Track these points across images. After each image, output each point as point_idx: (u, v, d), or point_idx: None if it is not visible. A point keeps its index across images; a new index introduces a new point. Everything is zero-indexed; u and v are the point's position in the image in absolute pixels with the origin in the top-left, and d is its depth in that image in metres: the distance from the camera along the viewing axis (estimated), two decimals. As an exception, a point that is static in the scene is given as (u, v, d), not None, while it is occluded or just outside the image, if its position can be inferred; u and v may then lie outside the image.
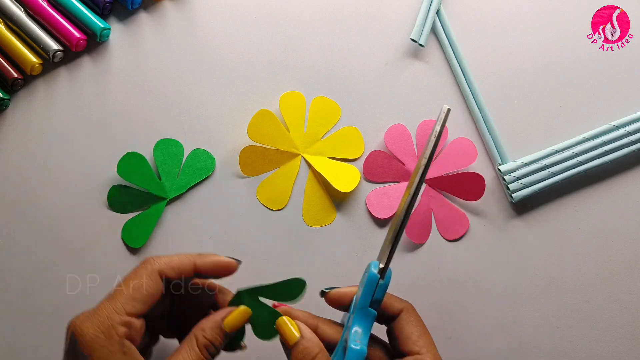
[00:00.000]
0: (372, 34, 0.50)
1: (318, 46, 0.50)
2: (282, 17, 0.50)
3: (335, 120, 0.49)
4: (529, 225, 0.49)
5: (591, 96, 0.50)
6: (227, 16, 0.50)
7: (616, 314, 0.48)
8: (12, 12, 0.48)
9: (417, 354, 0.35)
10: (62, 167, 0.48)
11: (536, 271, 0.48)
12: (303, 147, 0.49)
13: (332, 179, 0.47)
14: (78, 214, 0.48)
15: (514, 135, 0.49)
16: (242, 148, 0.48)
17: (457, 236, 0.49)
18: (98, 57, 0.49)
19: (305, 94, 0.49)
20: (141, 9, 0.50)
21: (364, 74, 0.50)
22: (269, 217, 0.48)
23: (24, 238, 0.48)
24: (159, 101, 0.49)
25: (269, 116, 0.48)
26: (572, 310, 0.48)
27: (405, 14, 0.50)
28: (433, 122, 0.49)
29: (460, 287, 0.48)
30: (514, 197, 0.48)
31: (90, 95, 0.49)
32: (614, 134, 0.48)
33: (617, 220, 0.49)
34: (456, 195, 0.49)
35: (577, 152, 0.48)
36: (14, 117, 0.49)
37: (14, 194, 0.48)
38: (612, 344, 0.48)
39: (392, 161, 0.49)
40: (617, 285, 0.49)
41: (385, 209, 0.48)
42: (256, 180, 0.49)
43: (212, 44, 0.50)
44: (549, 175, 0.48)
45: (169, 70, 0.49)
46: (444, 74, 0.50)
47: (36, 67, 0.48)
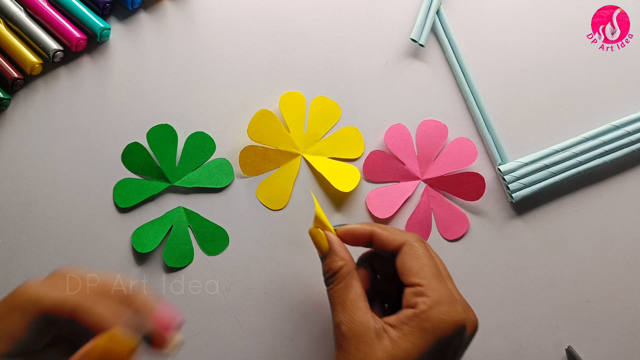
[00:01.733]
0: (372, 34, 0.50)
1: (318, 46, 0.50)
2: (282, 17, 0.50)
3: (335, 120, 0.49)
4: (528, 225, 0.49)
5: (591, 96, 0.50)
6: (227, 16, 0.50)
7: (616, 314, 0.48)
8: (12, 12, 0.48)
9: (418, 285, 0.34)
10: (62, 167, 0.48)
11: (536, 271, 0.48)
12: (303, 147, 0.49)
13: (332, 179, 0.47)
14: (78, 214, 0.48)
15: (514, 135, 0.50)
16: (242, 148, 0.48)
17: (457, 236, 0.49)
18: (98, 57, 0.49)
19: (305, 94, 0.49)
20: (141, 9, 0.50)
21: (364, 74, 0.50)
22: (269, 217, 0.48)
23: (24, 238, 0.48)
24: (159, 101, 0.49)
25: (269, 116, 0.48)
26: (572, 310, 0.48)
27: (405, 14, 0.50)
28: (433, 122, 0.49)
29: (460, 287, 0.48)
30: (514, 197, 0.48)
31: (90, 95, 0.49)
32: (614, 134, 0.48)
33: (617, 220, 0.49)
34: (456, 195, 0.49)
35: (577, 152, 0.48)
36: (14, 117, 0.49)
37: (14, 193, 0.48)
38: (612, 344, 0.48)
39: (392, 161, 0.49)
40: (617, 285, 0.49)
41: (385, 209, 0.48)
42: (256, 180, 0.49)
43: (212, 44, 0.50)
44: (549, 175, 0.48)
45: (169, 70, 0.49)
46: (444, 74, 0.50)
47: (36, 67, 0.48)
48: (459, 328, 0.33)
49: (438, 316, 0.33)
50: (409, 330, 0.33)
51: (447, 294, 0.34)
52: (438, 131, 0.49)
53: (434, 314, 0.33)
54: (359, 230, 0.37)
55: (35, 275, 0.47)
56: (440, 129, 0.49)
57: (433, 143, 0.49)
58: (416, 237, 0.37)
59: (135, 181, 0.48)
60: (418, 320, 0.33)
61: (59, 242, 0.48)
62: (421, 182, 0.49)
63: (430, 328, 0.32)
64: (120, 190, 0.48)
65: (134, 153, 0.48)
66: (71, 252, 0.48)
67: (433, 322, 0.32)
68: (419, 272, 0.34)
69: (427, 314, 0.33)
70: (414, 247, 0.36)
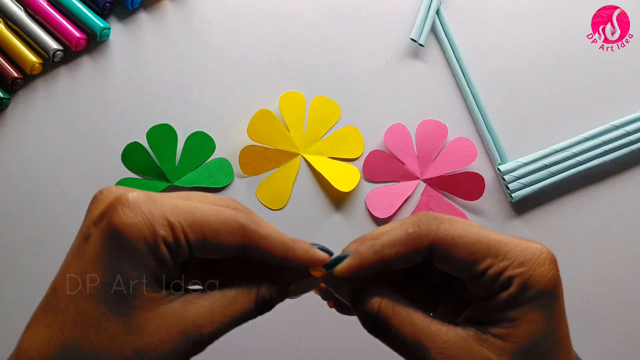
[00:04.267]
0: (372, 34, 0.50)
1: (318, 46, 0.50)
2: (282, 17, 0.50)
3: (335, 120, 0.49)
4: (528, 225, 0.49)
5: (591, 96, 0.50)
6: (227, 16, 0.50)
7: (616, 314, 0.48)
8: (12, 12, 0.48)
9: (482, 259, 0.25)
10: (62, 167, 0.48)
11: (536, 271, 0.48)
12: (303, 147, 0.49)
13: (332, 179, 0.47)
14: (78, 214, 0.48)
15: (514, 135, 0.49)
16: (242, 148, 0.48)
17: (457, 236, 0.49)
18: (98, 57, 0.49)
19: (305, 93, 0.49)
20: (141, 9, 0.50)
21: (364, 74, 0.50)
22: (269, 216, 0.48)
23: (23, 237, 0.48)
24: (159, 101, 0.49)
25: (269, 116, 0.48)
26: (572, 310, 0.48)
27: (405, 14, 0.50)
28: (433, 122, 0.49)
29: (460, 287, 0.48)
30: (514, 196, 0.47)
31: (90, 95, 0.49)
32: (614, 134, 0.48)
33: (617, 220, 0.49)
34: (456, 195, 0.49)
35: (576, 152, 0.48)
36: (14, 117, 0.49)
37: (14, 193, 0.48)
38: (612, 344, 0.48)
39: (391, 161, 0.49)
40: (617, 285, 0.48)
41: (385, 208, 0.48)
42: (256, 180, 0.49)
43: (212, 43, 0.50)
44: (548, 175, 0.48)
45: (169, 70, 0.49)
46: (444, 74, 0.50)
47: (36, 67, 0.48)
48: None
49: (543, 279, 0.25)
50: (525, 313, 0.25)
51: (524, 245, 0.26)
52: (438, 131, 0.49)
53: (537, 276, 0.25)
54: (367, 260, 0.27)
55: (35, 275, 0.47)
56: (440, 128, 0.49)
57: (433, 143, 0.49)
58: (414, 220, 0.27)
59: (135, 181, 0.48)
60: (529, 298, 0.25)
61: (59, 242, 0.48)
62: (421, 181, 0.49)
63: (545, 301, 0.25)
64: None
65: (133, 153, 0.48)
66: (71, 251, 0.48)
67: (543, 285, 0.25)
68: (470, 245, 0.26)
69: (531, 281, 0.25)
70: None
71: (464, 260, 0.26)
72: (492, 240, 0.26)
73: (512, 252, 0.26)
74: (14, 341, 0.26)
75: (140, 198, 0.25)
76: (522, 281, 0.25)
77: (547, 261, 0.26)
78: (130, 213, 0.24)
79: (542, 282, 0.25)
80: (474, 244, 0.26)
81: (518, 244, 0.26)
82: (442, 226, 0.26)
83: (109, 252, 0.24)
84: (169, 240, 0.24)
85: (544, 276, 0.26)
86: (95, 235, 0.25)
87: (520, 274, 0.25)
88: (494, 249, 0.26)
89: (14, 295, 0.47)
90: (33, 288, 0.47)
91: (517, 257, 0.26)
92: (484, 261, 0.25)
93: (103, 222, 0.25)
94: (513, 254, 0.26)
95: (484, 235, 0.26)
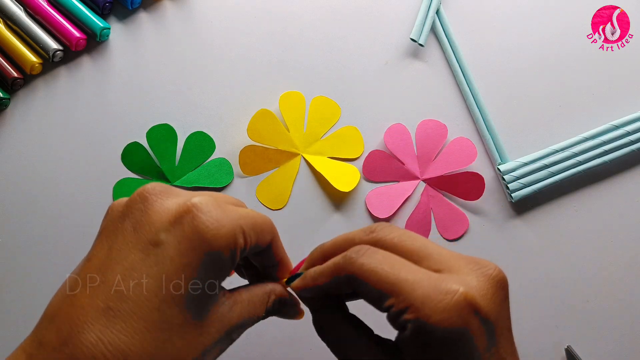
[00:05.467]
0: (372, 34, 0.50)
1: (318, 46, 0.50)
2: (282, 17, 0.50)
3: (335, 120, 0.49)
4: (528, 225, 0.49)
5: (591, 96, 0.50)
6: (227, 16, 0.50)
7: (616, 314, 0.48)
8: (12, 11, 0.48)
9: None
10: (62, 166, 0.48)
11: (536, 271, 0.48)
12: (303, 147, 0.49)
13: (332, 179, 0.47)
14: (78, 213, 0.48)
15: (514, 135, 0.50)
16: (241, 148, 0.48)
17: (457, 236, 0.49)
18: (98, 57, 0.50)
19: (305, 93, 0.49)
20: (141, 9, 0.50)
21: (364, 74, 0.50)
22: (269, 216, 0.48)
23: (23, 237, 0.48)
24: (159, 101, 0.49)
25: (269, 116, 0.48)
26: (572, 310, 0.48)
27: (405, 14, 0.50)
28: (433, 122, 0.49)
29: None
30: (514, 196, 0.48)
31: (90, 95, 0.49)
32: (614, 134, 0.48)
33: (617, 220, 0.49)
34: (456, 195, 0.49)
35: (576, 152, 0.48)
36: (14, 117, 0.49)
37: (14, 193, 0.48)
38: (612, 344, 0.48)
39: (391, 161, 0.49)
40: (617, 285, 0.48)
41: (385, 208, 0.48)
42: (256, 180, 0.49)
43: (212, 44, 0.50)
44: (548, 175, 0.48)
45: (169, 70, 0.49)
46: (444, 74, 0.50)
47: (36, 67, 0.48)
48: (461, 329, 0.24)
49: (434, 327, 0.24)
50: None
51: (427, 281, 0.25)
52: (438, 131, 0.49)
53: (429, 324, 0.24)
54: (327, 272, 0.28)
55: (35, 275, 0.47)
56: (440, 128, 0.49)
57: (433, 143, 0.49)
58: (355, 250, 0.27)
59: (135, 181, 0.48)
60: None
61: (59, 242, 0.48)
62: (421, 181, 0.49)
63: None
64: (120, 189, 0.48)
65: (133, 153, 0.48)
66: (71, 251, 0.48)
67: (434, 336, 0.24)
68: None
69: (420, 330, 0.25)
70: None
71: (373, 295, 0.26)
72: (398, 279, 0.25)
73: (414, 294, 0.25)
74: (14, 341, 0.26)
75: (211, 204, 0.25)
76: (416, 326, 0.24)
77: (454, 307, 0.24)
78: (214, 221, 0.25)
79: (439, 331, 0.24)
80: (382, 280, 0.25)
81: (427, 284, 0.25)
82: (362, 259, 0.26)
83: (195, 259, 0.25)
84: (245, 248, 0.26)
85: (443, 323, 0.24)
86: (173, 242, 0.25)
87: (414, 318, 0.24)
88: (397, 288, 0.25)
89: (14, 295, 0.47)
90: (33, 288, 0.47)
91: (415, 299, 0.24)
92: (388, 300, 0.25)
93: (183, 229, 0.25)
94: (413, 296, 0.24)
95: (393, 273, 0.25)
